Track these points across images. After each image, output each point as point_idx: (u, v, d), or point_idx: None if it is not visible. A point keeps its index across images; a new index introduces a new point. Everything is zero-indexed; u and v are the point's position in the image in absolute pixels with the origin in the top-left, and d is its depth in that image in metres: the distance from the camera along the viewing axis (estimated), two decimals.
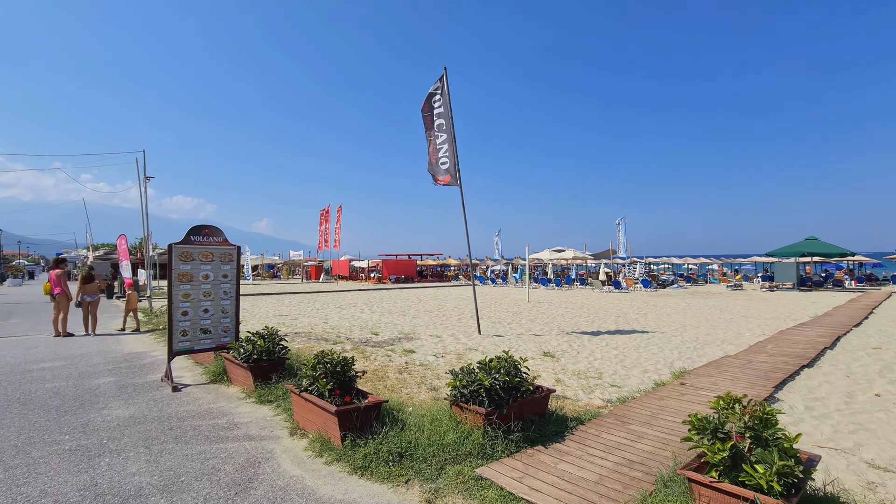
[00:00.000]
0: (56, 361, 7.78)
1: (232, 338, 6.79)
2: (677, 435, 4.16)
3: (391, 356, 8.27)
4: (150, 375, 6.78)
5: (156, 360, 7.93)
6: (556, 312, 15.89)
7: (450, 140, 10.64)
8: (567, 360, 8.06)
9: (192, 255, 6.43)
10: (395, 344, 9.54)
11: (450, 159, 10.68)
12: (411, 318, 14.07)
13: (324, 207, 40.75)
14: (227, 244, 6.77)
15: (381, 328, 11.90)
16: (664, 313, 15.48)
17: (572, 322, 13.26)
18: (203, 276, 6.51)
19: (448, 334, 10.98)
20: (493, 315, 14.99)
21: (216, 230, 6.67)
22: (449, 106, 10.55)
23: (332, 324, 12.81)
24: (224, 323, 6.72)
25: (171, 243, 6.24)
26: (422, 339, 10.14)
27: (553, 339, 10.15)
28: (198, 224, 6.52)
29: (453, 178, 10.66)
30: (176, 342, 6.23)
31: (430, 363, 7.72)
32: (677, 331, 11.43)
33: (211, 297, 6.58)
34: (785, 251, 29.88)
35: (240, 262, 6.92)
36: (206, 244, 6.55)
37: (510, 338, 10.48)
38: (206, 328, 6.52)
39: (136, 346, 9.25)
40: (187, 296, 6.35)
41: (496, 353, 8.21)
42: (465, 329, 11.81)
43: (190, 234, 6.43)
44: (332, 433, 3.91)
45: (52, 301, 10.53)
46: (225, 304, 6.73)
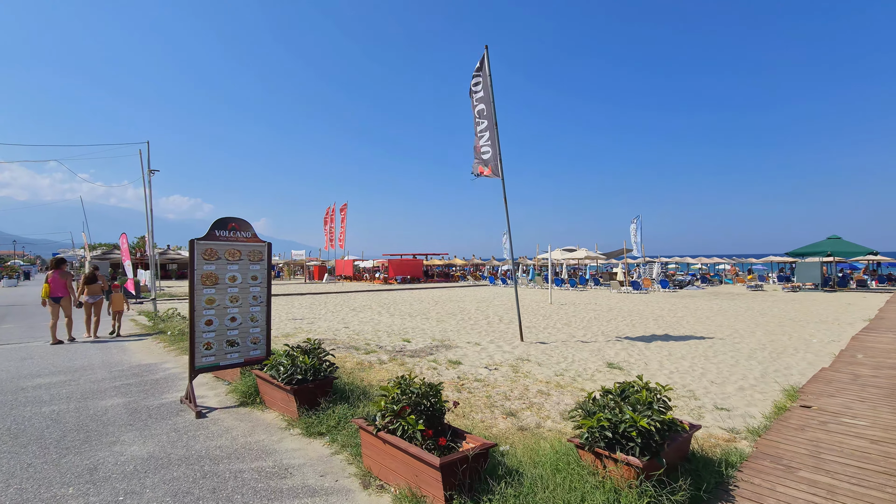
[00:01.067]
0: (54, 376, 6.74)
1: (262, 351, 5.76)
2: (873, 488, 3.16)
3: (437, 368, 7.26)
4: (165, 395, 5.74)
5: (169, 374, 6.89)
6: (587, 315, 14.90)
7: (491, 127, 9.63)
8: (639, 372, 7.06)
9: (218, 254, 5.40)
10: (435, 353, 8.53)
11: (491, 148, 9.67)
12: (437, 322, 13.06)
13: (329, 206, 39.68)
14: (256, 240, 5.74)
15: (409, 334, 10.88)
16: (703, 316, 14.49)
17: (612, 326, 12.27)
18: (230, 279, 5.49)
19: (487, 341, 9.97)
20: (522, 318, 13.99)
21: (244, 223, 5.65)
22: (490, 89, 9.53)
23: (354, 329, 11.78)
24: (253, 333, 5.69)
25: (194, 239, 5.21)
26: (461, 348, 9.14)
27: (606, 347, 9.15)
28: (223, 217, 5.49)
29: (495, 168, 9.65)
30: (199, 357, 5.20)
31: (485, 377, 6.71)
32: (733, 336, 10.44)
33: (238, 302, 5.55)
34: (807, 250, 28.98)
35: (271, 261, 5.89)
36: (232, 240, 5.52)
37: (556, 345, 9.48)
38: (233, 340, 5.49)
39: (144, 357, 8.21)
40: (212, 301, 5.32)
41: (555, 363, 7.19)
42: (503, 335, 10.80)
43: (214, 229, 5.40)
44: (432, 492, 2.90)
45: (49, 306, 9.61)
46: (254, 311, 5.70)
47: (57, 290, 9.68)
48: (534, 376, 6.81)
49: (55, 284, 9.67)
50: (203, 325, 5.24)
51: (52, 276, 9.71)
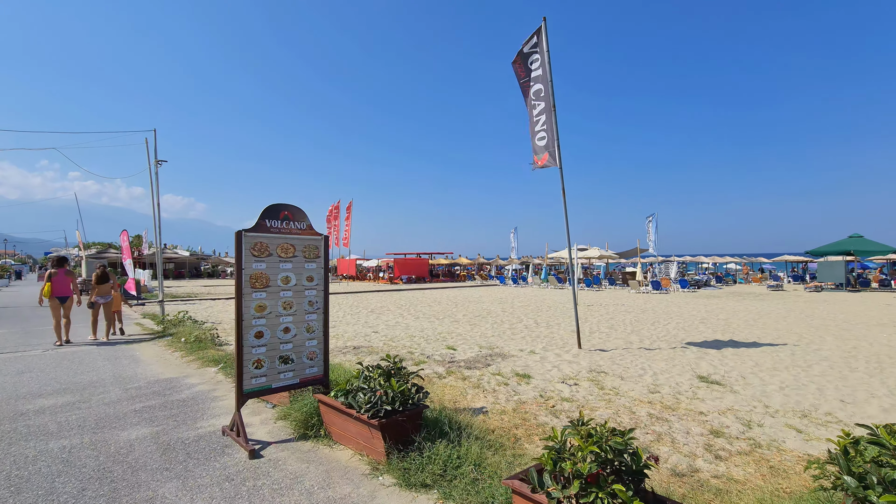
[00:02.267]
0: (59, 396, 5.65)
1: (320, 368, 4.71)
2: None
3: (508, 384, 6.24)
4: (200, 422, 4.68)
5: (196, 392, 5.82)
6: (624, 317, 13.92)
7: (548, 110, 8.61)
8: (740, 388, 6.08)
9: (269, 249, 4.34)
10: (492, 363, 7.51)
11: (548, 133, 8.66)
12: (470, 326, 12.03)
13: (333, 204, 38.52)
14: (312, 232, 4.69)
15: (449, 340, 9.85)
16: (749, 318, 13.53)
17: (664, 330, 11.29)
18: (282, 280, 4.43)
19: (540, 348, 8.96)
20: (555, 320, 12.98)
21: (299, 212, 4.59)
22: (548, 67, 8.51)
23: (384, 333, 10.73)
24: (310, 347, 4.63)
25: (241, 230, 4.15)
26: (517, 357, 8.12)
27: (678, 356, 8.16)
28: (274, 204, 4.43)
29: (552, 156, 8.64)
30: (247, 378, 4.14)
31: (570, 395, 5.70)
32: (804, 342, 9.48)
33: (293, 309, 4.50)
34: (828, 249, 28.23)
35: (328, 258, 4.83)
36: (285, 232, 4.47)
37: (619, 353, 8.49)
38: (286, 355, 4.44)
39: (160, 369, 7.13)
40: (262, 308, 4.26)
41: (636, 377, 5.96)
42: (553, 340, 9.79)
43: (264, 218, 4.34)
44: None
45: (50, 306, 9.17)
46: (310, 320, 4.65)
47: (61, 290, 9.19)
48: (626, 394, 5.81)
49: (59, 283, 9.16)
50: (252, 338, 4.19)
51: (57, 275, 9.16)
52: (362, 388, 3.77)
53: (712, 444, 4.14)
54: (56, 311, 9.14)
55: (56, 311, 9.14)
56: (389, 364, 4.05)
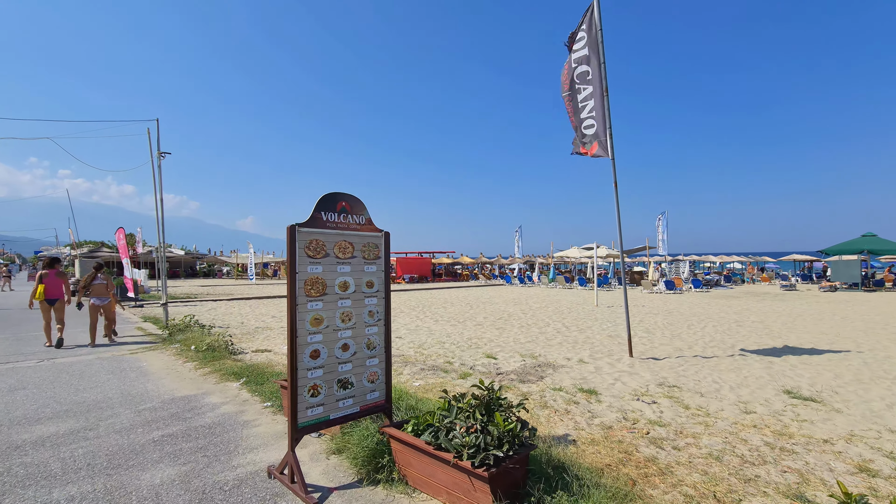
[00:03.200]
0: (61, 420, 4.80)
1: (382, 393, 3.90)
2: None
3: (577, 402, 5.47)
4: (236, 458, 3.86)
5: (221, 415, 4.99)
6: (655, 320, 13.20)
7: (598, 95, 7.83)
8: (837, 405, 5.35)
9: (326, 248, 3.53)
10: (546, 376, 6.74)
11: (598, 121, 7.88)
12: (498, 331, 11.25)
13: None
14: (372, 227, 3.88)
15: (485, 347, 9.07)
16: (786, 321, 12.84)
17: (705, 334, 10.57)
18: (341, 286, 3.62)
19: (586, 355, 8.21)
20: (584, 324, 12.22)
21: (357, 203, 3.77)
22: (599, 47, 7.74)
23: (410, 340, 9.93)
24: (371, 367, 3.82)
25: (294, 225, 3.33)
26: (568, 367, 7.36)
27: (744, 367, 7.42)
28: (330, 193, 3.60)
29: (602, 146, 7.87)
30: (303, 408, 3.33)
31: (659, 418, 4.93)
32: (864, 347, 8.79)
33: (352, 322, 3.68)
34: (842, 248, 27.77)
35: (389, 259, 4.02)
36: (342, 227, 3.66)
37: (673, 361, 7.75)
38: (345, 379, 3.63)
39: (173, 384, 6.28)
40: (319, 321, 3.45)
41: (714, 391, 5.05)
42: (598, 347, 9.02)
43: (320, 210, 3.52)
44: None
45: (40, 308, 8.82)
46: (371, 334, 3.84)
47: (53, 292, 8.79)
48: (718, 415, 5.05)
49: (51, 285, 8.76)
50: (307, 358, 3.37)
51: (48, 276, 8.73)
52: (454, 423, 2.97)
53: (877, 487, 3.39)
54: (46, 313, 8.78)
55: (47, 314, 8.78)
56: (485, 392, 3.24)
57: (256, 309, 16.62)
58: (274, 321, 13.14)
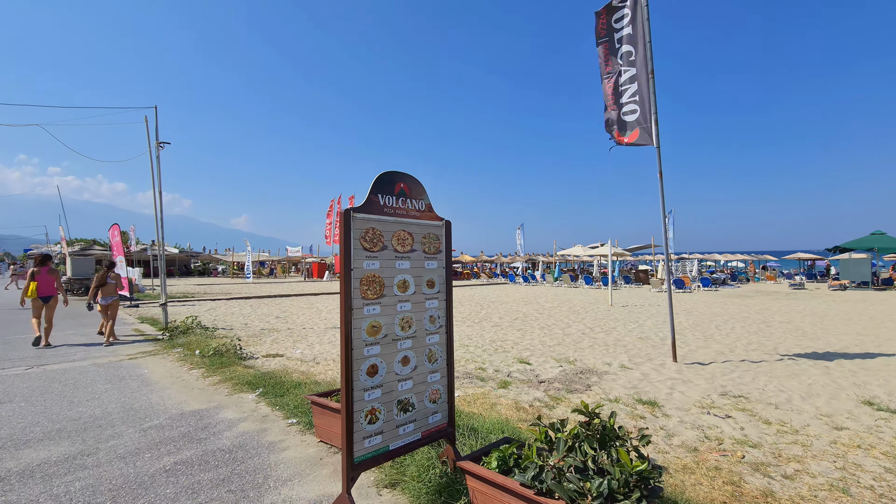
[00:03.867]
0: (54, 442, 4.10)
1: (444, 414, 3.25)
2: None
3: (642, 416, 4.85)
4: (268, 496, 3.18)
5: (241, 434, 4.31)
6: (678, 320, 12.63)
7: (642, 77, 7.21)
8: None
9: (383, 240, 2.87)
10: (594, 385, 6.11)
11: (640, 105, 7.26)
12: (521, 333, 10.63)
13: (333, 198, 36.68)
14: (433, 215, 3.22)
15: (513, 351, 8.44)
16: (811, 321, 12.28)
17: (740, 336, 9.99)
18: (400, 285, 2.97)
19: (625, 360, 7.62)
20: (607, 324, 11.61)
21: (416, 185, 3.11)
22: (644, 24, 7.11)
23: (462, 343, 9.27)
24: (432, 384, 3.17)
25: (350, 209, 2.67)
26: (613, 374, 6.74)
27: (796, 370, 6.84)
28: (387, 172, 2.94)
29: (645, 132, 7.25)
30: (359, 438, 2.67)
31: (745, 436, 4.31)
32: None
33: (412, 329, 3.03)
34: (851, 246, 27.42)
35: (450, 252, 3.37)
36: (401, 213, 3.00)
37: (721, 367, 7.17)
38: (406, 399, 2.97)
39: (179, 394, 5.58)
40: (376, 330, 2.79)
41: (785, 402, 4.37)
42: (635, 350, 8.42)
43: (377, 192, 2.86)
44: None
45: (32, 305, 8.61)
46: (432, 344, 3.19)
47: (46, 289, 8.62)
48: (808, 433, 4.45)
49: (43, 282, 8.60)
50: (364, 375, 2.71)
51: (40, 274, 8.58)
52: (564, 464, 2.32)
53: None
54: (38, 309, 8.60)
55: (38, 310, 8.60)
56: (597, 421, 2.59)
57: (258, 309, 15.89)
58: (279, 322, 12.44)
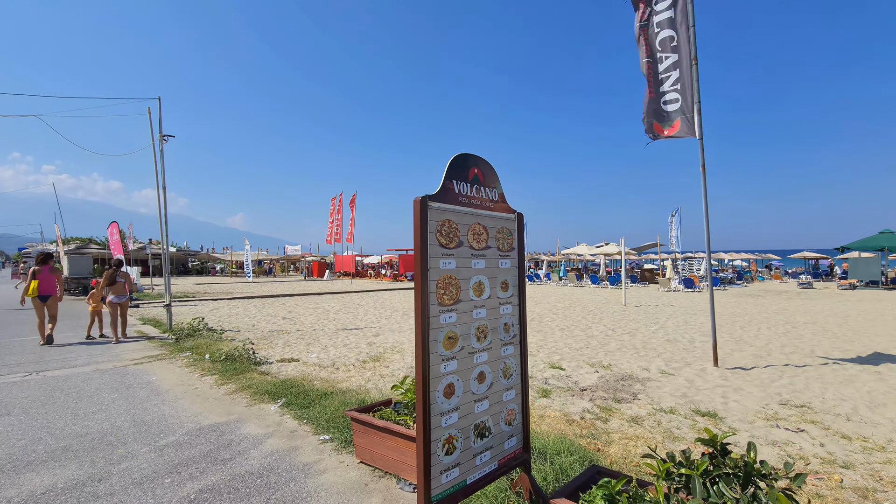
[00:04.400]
0: (60, 464, 3.63)
1: (519, 438, 2.80)
2: None
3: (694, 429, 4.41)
4: None
5: (270, 454, 3.85)
6: (699, 321, 12.23)
7: (684, 64, 6.77)
8: None
9: (459, 233, 2.42)
10: (640, 394, 5.68)
11: (682, 94, 6.83)
12: (541, 335, 10.19)
13: (334, 196, 36.19)
14: (505, 206, 2.77)
15: (540, 356, 8.00)
16: (835, 321, 11.91)
17: (770, 338, 9.59)
18: (476, 288, 2.51)
19: (662, 364, 7.19)
20: (628, 325, 11.18)
21: (490, 171, 2.65)
22: (687, 7, 6.68)
23: None
24: (507, 402, 2.72)
25: (425, 197, 2.21)
26: (655, 380, 6.31)
27: (845, 375, 6.44)
28: (461, 154, 2.49)
29: (686, 124, 6.82)
30: (436, 471, 2.22)
31: (831, 455, 3.89)
32: None
33: (487, 340, 2.58)
34: (860, 245, 27.15)
35: (523, 250, 2.91)
36: (475, 203, 2.54)
37: (762, 371, 6.77)
38: (482, 423, 2.52)
39: (193, 405, 5.11)
40: (453, 342, 2.34)
41: (859, 417, 4.35)
42: (669, 354, 7.99)
43: (451, 178, 2.39)
44: None
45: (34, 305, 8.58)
46: (507, 356, 2.73)
47: (47, 288, 8.62)
48: (893, 447, 4.03)
49: (45, 281, 8.58)
50: (441, 396, 2.26)
51: (41, 272, 8.57)
52: None
53: None
54: (40, 310, 8.59)
55: (40, 311, 8.59)
56: (735, 455, 2.14)
57: (263, 309, 15.40)
58: (287, 323, 11.96)
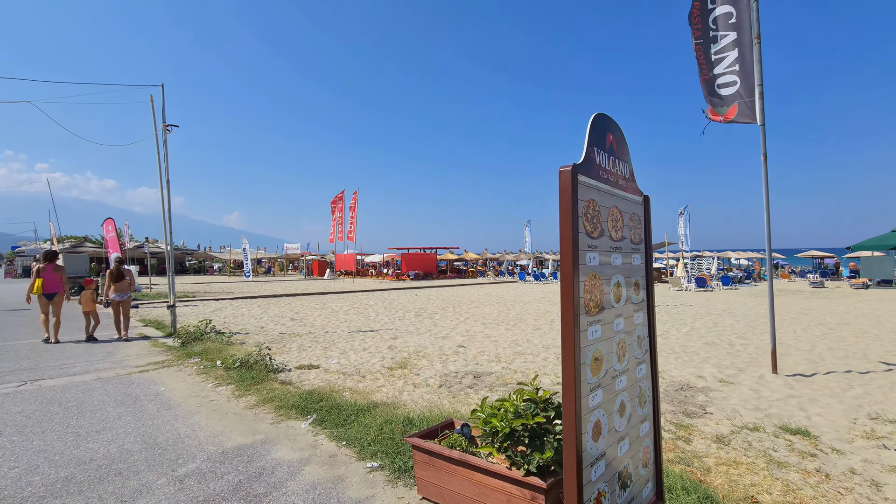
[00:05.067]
0: (62, 493, 3.00)
1: (653, 484, 2.20)
2: None
3: (814, 456, 3.83)
4: None
5: (311, 486, 3.23)
6: (727, 322, 11.70)
7: (744, 43, 6.19)
8: None
9: (601, 218, 1.82)
10: (709, 406, 5.10)
11: (740, 76, 6.24)
12: None
13: (336, 194, 35.48)
14: (634, 185, 2.17)
15: None
16: (862, 322, 11.38)
17: (809, 340, 9.05)
18: (614, 290, 1.91)
19: (715, 371, 6.62)
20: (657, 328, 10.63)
21: (622, 138, 2.06)
22: None
23: (480, 350, 8.22)
24: (643, 438, 2.12)
25: (574, 167, 1.62)
26: (717, 390, 5.74)
27: None
28: (600, 114, 1.91)
29: (746, 108, 6.24)
30: None
31: None
32: None
33: (626, 359, 1.99)
34: (871, 244, 26.73)
35: (651, 241, 2.32)
36: (611, 179, 1.95)
37: (823, 378, 6.22)
38: (624, 470, 1.92)
39: (211, 421, 4.49)
40: (599, 365, 1.74)
41: None
42: (716, 360, 7.42)
43: (592, 145, 1.81)
44: None
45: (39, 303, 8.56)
46: (641, 378, 2.14)
47: (52, 286, 8.59)
48: None
49: (49, 279, 8.55)
50: (590, 440, 1.66)
51: (45, 271, 8.52)
52: None
53: None
54: (45, 307, 8.56)
55: (45, 308, 8.56)
56: None
57: (268, 310, 14.75)
58: (296, 325, 11.33)
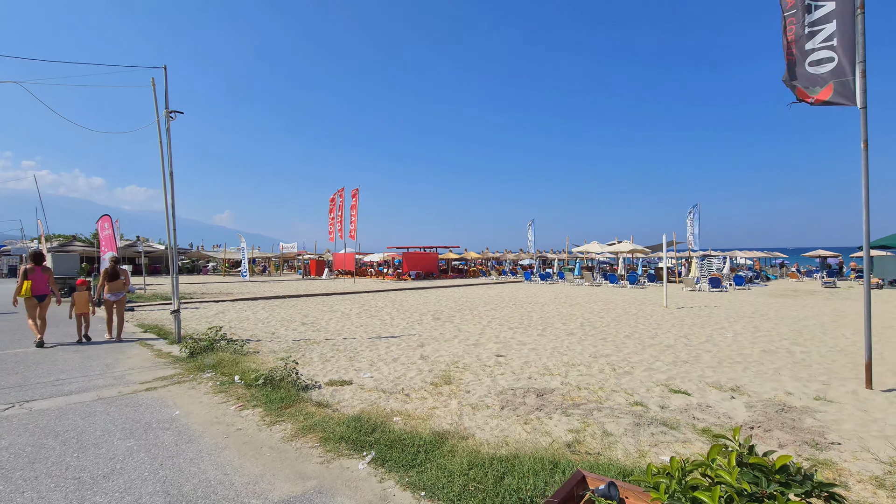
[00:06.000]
0: None
1: None
2: None
3: None
4: None
5: None
6: (764, 325, 11.02)
7: (845, 13, 5.45)
8: None
9: None
10: (826, 433, 4.35)
11: (840, 52, 5.50)
12: (613, 346, 8.86)
13: (336, 191, 34.48)
14: None
15: (638, 374, 6.66)
16: None
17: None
18: None
19: (800, 385, 5.89)
20: (699, 333, 9.89)
21: None
22: None
23: (524, 360, 7.44)
24: None
25: None
26: (823, 412, 4.99)
27: None
28: None
29: (843, 88, 5.49)
30: None
31: None
32: None
33: None
34: (881, 243, 26.38)
35: None
36: None
37: None
38: None
39: (242, 457, 3.65)
40: None
41: None
42: (792, 371, 6.69)
43: None
44: None
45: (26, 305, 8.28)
46: None
47: (42, 288, 8.40)
48: None
49: (38, 281, 8.34)
50: None
51: (34, 272, 8.30)
52: None
53: None
54: (33, 310, 8.30)
55: (33, 311, 8.30)
56: None
57: (274, 313, 13.85)
58: (308, 330, 10.47)
